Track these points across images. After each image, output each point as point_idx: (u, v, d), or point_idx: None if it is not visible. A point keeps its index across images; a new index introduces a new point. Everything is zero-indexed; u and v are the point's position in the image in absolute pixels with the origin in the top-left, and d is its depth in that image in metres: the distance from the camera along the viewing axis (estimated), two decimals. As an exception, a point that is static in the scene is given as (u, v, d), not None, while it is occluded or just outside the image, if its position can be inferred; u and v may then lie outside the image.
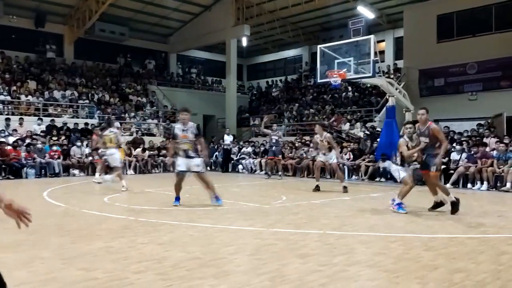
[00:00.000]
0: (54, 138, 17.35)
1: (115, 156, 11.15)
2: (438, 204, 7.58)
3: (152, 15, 25.18)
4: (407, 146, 7.51)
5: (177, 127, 8.19)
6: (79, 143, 17.10)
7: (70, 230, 5.92)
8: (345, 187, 10.91)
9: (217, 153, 20.42)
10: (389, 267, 4.15)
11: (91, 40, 25.01)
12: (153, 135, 21.66)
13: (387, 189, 11.66)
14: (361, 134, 17.55)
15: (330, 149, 11.25)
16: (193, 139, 8.09)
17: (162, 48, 29.07)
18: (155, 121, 23.16)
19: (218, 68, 29.85)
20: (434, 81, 19.84)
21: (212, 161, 20.13)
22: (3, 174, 14.84)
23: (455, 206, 7.27)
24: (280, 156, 15.85)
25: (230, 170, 19.25)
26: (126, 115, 22.11)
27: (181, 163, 8.02)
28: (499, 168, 11.73)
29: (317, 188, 11.21)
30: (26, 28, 23.21)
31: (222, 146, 19.74)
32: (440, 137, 7.21)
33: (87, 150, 17.10)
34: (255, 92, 31.49)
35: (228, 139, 19.69)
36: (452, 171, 12.70)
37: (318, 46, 15.01)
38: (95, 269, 3.99)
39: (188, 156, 7.99)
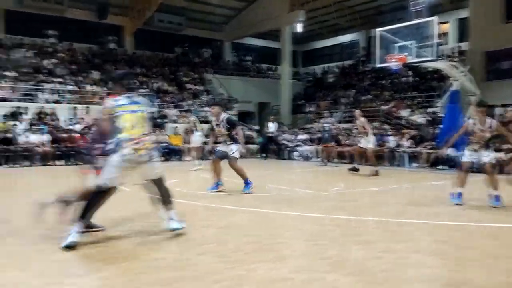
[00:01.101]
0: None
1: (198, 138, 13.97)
2: None
3: (207, 4, 25.49)
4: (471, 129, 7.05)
5: (212, 121, 8.38)
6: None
7: (136, 213, 6.20)
8: (376, 171, 11.39)
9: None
10: (453, 256, 4.04)
11: (150, 31, 25.78)
12: (209, 122, 22.04)
13: (449, 177, 11.22)
14: (422, 120, 16.96)
15: (366, 133, 11.77)
16: (226, 132, 8.04)
17: (218, 37, 29.42)
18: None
19: (272, 55, 29.81)
20: (501, 64, 18.74)
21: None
22: (72, 160, 15.74)
23: None
24: (333, 143, 15.69)
25: (285, 158, 19.26)
26: (184, 103, 22.66)
27: (221, 146, 8.27)
28: None
29: (354, 169, 11.97)
30: (89, 20, 24.30)
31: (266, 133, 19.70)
32: None
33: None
34: (310, 78, 31.18)
35: (272, 126, 19.61)
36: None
37: (377, 30, 14.63)
38: (161, 250, 4.18)
39: (226, 144, 8.13)
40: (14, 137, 14.83)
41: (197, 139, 13.80)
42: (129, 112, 4.56)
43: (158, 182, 4.79)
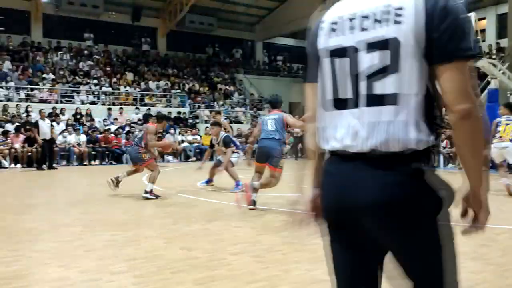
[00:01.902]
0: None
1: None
2: None
3: (238, 4, 25.58)
4: None
5: (213, 140, 9.58)
6: (172, 131, 18.00)
7: (169, 212, 6.28)
8: None
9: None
10: (496, 260, 3.88)
11: (181, 32, 26.09)
12: (240, 122, 22.16)
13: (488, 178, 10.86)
14: (458, 120, 16.49)
15: None
16: (224, 150, 9.03)
17: (249, 37, 29.48)
18: (243, 109, 23.65)
19: (304, 54, 29.28)
20: (543, 61, 17.99)
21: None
22: (106, 160, 16.10)
23: None
24: None
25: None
26: (215, 103, 22.83)
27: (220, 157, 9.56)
28: None
29: None
30: (124, 23, 24.81)
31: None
32: None
33: (179, 138, 17.97)
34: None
35: None
36: None
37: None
38: (195, 249, 4.19)
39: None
40: (53, 137, 15.27)
41: None
42: None
43: None
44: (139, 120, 19.08)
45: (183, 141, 17.95)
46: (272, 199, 7.48)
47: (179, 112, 20.84)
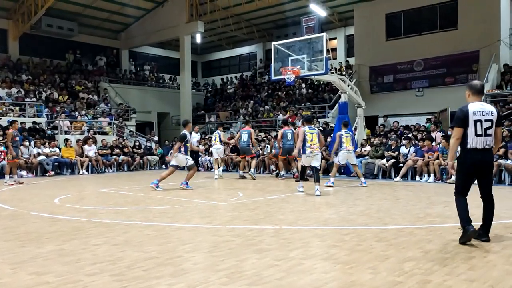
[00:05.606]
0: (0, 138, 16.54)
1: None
2: None
3: (102, 10, 24.51)
4: None
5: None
6: (27, 143, 16.40)
7: (18, 233, 5.69)
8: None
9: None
10: (343, 259, 4.28)
11: (37, 36, 24.07)
12: (105, 133, 21.10)
13: (340, 183, 11.95)
14: (315, 130, 17.85)
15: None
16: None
17: (114, 45, 28.36)
18: (107, 119, 22.52)
19: (172, 65, 29.48)
20: (384, 78, 20.54)
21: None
22: None
23: None
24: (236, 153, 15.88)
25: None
26: (77, 113, 21.40)
27: None
28: (444, 161, 12.24)
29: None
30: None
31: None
32: None
33: (35, 150, 16.47)
34: (210, 89, 31.33)
35: (195, 137, 18.97)
36: (401, 165, 13.19)
37: (272, 43, 15.10)
38: (47, 273, 3.86)
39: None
40: None
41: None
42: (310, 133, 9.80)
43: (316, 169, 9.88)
44: (-16, 131, 16.99)
45: (39, 154, 16.46)
46: (136, 213, 7.25)
47: (34, 122, 19.07)
